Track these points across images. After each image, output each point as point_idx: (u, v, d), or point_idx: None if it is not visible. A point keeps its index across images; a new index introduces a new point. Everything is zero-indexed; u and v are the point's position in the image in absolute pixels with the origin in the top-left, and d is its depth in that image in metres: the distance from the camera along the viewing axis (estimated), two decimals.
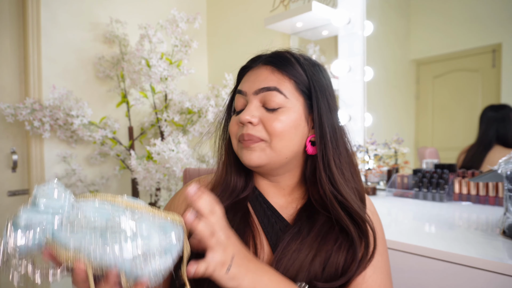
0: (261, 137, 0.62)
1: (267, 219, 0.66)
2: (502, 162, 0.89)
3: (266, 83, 0.64)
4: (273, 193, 0.70)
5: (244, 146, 0.64)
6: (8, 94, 1.76)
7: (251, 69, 0.69)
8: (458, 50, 1.57)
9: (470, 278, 0.77)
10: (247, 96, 0.65)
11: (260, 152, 0.63)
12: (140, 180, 1.62)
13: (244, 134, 0.63)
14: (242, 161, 0.65)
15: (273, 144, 0.62)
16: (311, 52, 1.96)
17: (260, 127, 0.63)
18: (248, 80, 0.66)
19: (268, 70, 0.65)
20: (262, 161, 0.63)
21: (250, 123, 0.63)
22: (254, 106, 0.64)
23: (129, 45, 1.98)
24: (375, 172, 1.55)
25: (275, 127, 0.62)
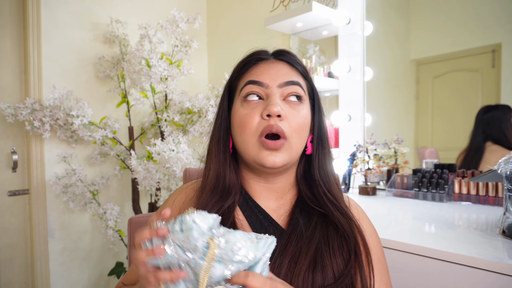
0: (287, 134, 0.60)
1: (260, 223, 0.63)
2: (502, 162, 0.89)
3: (290, 77, 0.63)
4: (264, 197, 0.67)
5: (268, 147, 0.59)
6: (8, 94, 1.76)
7: (263, 61, 0.66)
8: (458, 50, 1.57)
9: (470, 278, 0.77)
10: (268, 89, 0.61)
11: (284, 152, 0.60)
12: (140, 180, 1.62)
13: (273, 125, 0.58)
14: (262, 162, 0.60)
15: (292, 142, 0.61)
16: (311, 52, 1.97)
17: (285, 122, 0.60)
18: (267, 72, 0.63)
19: (287, 66, 0.64)
20: (285, 162, 0.61)
21: (279, 116, 0.59)
22: (279, 99, 0.61)
23: (129, 45, 1.98)
24: (375, 172, 1.55)
25: (298, 122, 0.61)
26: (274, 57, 0.67)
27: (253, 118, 0.61)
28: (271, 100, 0.60)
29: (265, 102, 0.61)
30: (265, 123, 0.59)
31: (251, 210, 0.65)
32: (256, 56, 0.66)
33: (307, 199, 0.66)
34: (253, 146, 0.61)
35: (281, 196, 0.68)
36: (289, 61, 0.66)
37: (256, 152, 0.60)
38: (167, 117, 1.81)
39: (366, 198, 1.50)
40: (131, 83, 1.88)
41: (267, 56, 0.67)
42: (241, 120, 0.62)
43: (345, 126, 1.78)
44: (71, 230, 1.93)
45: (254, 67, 0.65)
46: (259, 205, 0.66)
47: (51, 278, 1.84)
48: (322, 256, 0.58)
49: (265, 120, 0.60)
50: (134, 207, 2.00)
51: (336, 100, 1.86)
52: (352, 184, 1.71)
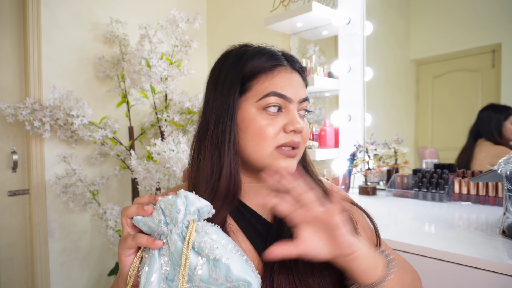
0: (300, 144, 0.64)
1: (247, 222, 0.64)
2: (502, 162, 0.89)
3: (304, 91, 0.66)
4: (252, 194, 0.68)
5: (289, 155, 0.62)
6: (8, 94, 1.76)
7: (282, 69, 0.63)
8: (458, 50, 1.57)
9: (470, 278, 0.77)
10: (291, 103, 0.63)
11: (296, 159, 0.65)
12: (140, 180, 1.62)
13: (296, 142, 0.62)
14: (278, 168, 0.61)
15: (301, 149, 0.66)
16: (311, 52, 1.97)
17: (300, 135, 0.64)
18: (291, 85, 0.63)
19: (300, 78, 0.67)
20: (296, 167, 0.64)
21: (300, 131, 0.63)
22: (297, 114, 0.64)
23: (129, 45, 1.98)
24: (375, 172, 1.55)
25: (307, 132, 0.66)
26: (289, 64, 0.65)
27: (274, 130, 0.61)
28: (295, 116, 0.62)
29: (285, 114, 0.63)
30: (288, 137, 0.62)
31: (238, 210, 0.65)
32: (274, 61, 0.63)
33: None
34: (269, 155, 0.62)
35: (268, 193, 0.68)
36: (300, 71, 0.67)
37: (272, 160, 0.62)
38: (167, 117, 1.81)
39: (366, 198, 1.50)
40: (131, 83, 1.88)
41: (283, 62, 0.64)
42: (260, 129, 0.61)
43: (345, 126, 1.78)
44: (71, 230, 1.93)
45: (275, 73, 0.63)
46: (245, 204, 0.66)
47: (51, 278, 1.84)
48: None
49: (286, 134, 0.62)
50: None
51: (336, 100, 1.86)
52: (352, 184, 1.71)
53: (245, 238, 0.63)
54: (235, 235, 0.63)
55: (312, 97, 1.98)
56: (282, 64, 0.64)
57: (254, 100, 0.62)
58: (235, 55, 0.65)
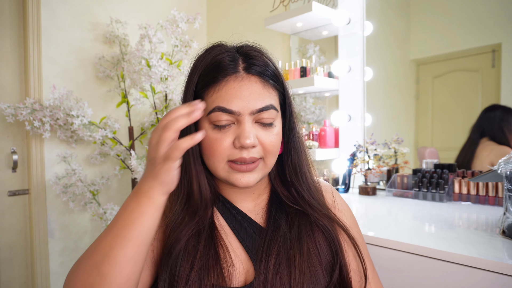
0: (262, 155, 0.60)
1: (239, 224, 0.64)
2: (502, 162, 0.89)
3: (262, 101, 0.58)
4: (241, 199, 0.67)
5: (241, 170, 0.59)
6: (8, 94, 1.76)
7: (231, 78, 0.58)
8: (458, 50, 1.57)
9: (470, 278, 0.77)
10: (240, 116, 0.57)
11: (258, 172, 0.60)
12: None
13: (247, 158, 0.58)
14: (234, 184, 0.60)
15: (267, 161, 0.61)
16: (311, 52, 1.97)
17: (258, 147, 0.59)
18: (238, 97, 0.57)
19: (258, 84, 0.59)
20: (258, 180, 0.61)
21: (253, 146, 0.58)
22: (251, 126, 0.58)
23: (129, 45, 1.98)
24: (375, 172, 1.55)
25: (273, 144, 0.60)
26: (244, 68, 0.59)
27: (223, 145, 0.58)
28: (243, 130, 0.57)
29: (237, 128, 0.58)
30: (238, 153, 0.58)
31: (230, 213, 0.65)
32: (224, 71, 0.59)
33: (284, 197, 0.67)
34: (222, 169, 0.60)
35: (257, 197, 0.69)
36: (260, 74, 0.59)
37: (227, 174, 0.60)
38: None
39: (366, 198, 1.50)
40: (131, 83, 1.88)
41: (234, 70, 0.59)
42: (210, 144, 0.59)
43: (345, 126, 1.78)
44: (71, 230, 1.93)
45: (223, 85, 0.58)
46: (236, 207, 0.66)
47: (51, 278, 1.84)
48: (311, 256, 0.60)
49: (237, 150, 0.58)
50: None
51: (336, 100, 1.86)
52: (352, 184, 1.71)
53: (236, 240, 0.63)
54: (227, 237, 0.63)
55: (312, 97, 1.98)
56: (229, 73, 0.58)
57: (205, 115, 0.59)
58: (192, 65, 0.65)
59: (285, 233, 0.62)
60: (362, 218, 1.17)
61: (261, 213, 0.67)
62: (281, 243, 0.60)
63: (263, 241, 0.61)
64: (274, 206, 0.67)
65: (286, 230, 0.63)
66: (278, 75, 0.63)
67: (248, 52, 0.62)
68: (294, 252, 0.60)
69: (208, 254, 0.59)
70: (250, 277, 0.59)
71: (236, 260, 0.61)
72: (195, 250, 0.59)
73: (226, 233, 0.63)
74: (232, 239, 0.63)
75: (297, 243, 0.61)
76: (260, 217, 0.66)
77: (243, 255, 0.62)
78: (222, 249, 0.60)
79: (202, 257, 0.58)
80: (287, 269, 0.58)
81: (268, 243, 0.61)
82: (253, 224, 0.64)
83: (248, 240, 0.63)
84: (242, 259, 0.61)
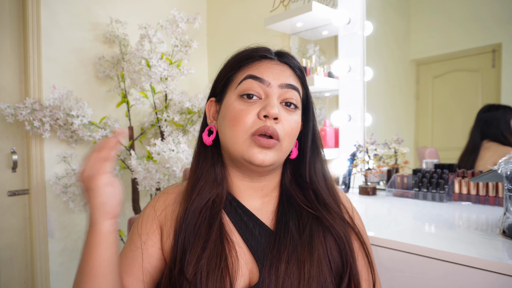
0: (281, 136, 0.60)
1: (245, 225, 0.63)
2: (502, 162, 0.89)
3: (291, 80, 0.63)
4: (249, 196, 0.67)
5: (261, 145, 0.59)
6: (8, 94, 1.76)
7: (266, 59, 0.64)
8: (458, 50, 1.57)
9: (470, 278, 0.77)
10: (269, 87, 0.61)
11: (274, 152, 0.60)
12: (140, 180, 1.62)
13: (270, 128, 0.58)
14: (251, 159, 0.59)
15: (283, 144, 0.61)
16: (311, 52, 1.96)
17: (280, 125, 0.60)
18: (270, 71, 0.62)
19: (290, 70, 0.65)
20: (274, 161, 0.61)
21: (275, 119, 0.59)
22: (277, 101, 0.61)
23: (129, 45, 1.98)
24: (375, 172, 1.55)
25: (292, 127, 0.62)
26: (278, 58, 0.66)
27: (248, 115, 0.59)
28: (270, 101, 0.59)
29: (263, 101, 0.60)
30: (261, 123, 0.59)
31: (236, 212, 0.65)
32: (261, 52, 0.65)
33: (300, 201, 0.66)
34: (243, 143, 0.60)
35: (265, 195, 0.68)
36: (291, 65, 0.65)
37: (246, 148, 0.60)
38: (167, 117, 1.81)
39: (366, 198, 1.50)
40: (131, 83, 1.87)
41: (271, 55, 0.65)
42: (235, 115, 0.60)
43: (345, 126, 1.78)
44: (71, 230, 1.93)
45: (257, 62, 0.64)
46: (243, 205, 0.66)
47: (51, 278, 1.84)
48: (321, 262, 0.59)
49: (261, 120, 0.59)
50: (134, 207, 2.00)
51: (336, 100, 1.86)
52: (352, 184, 1.71)
53: (241, 240, 0.62)
54: (233, 235, 0.62)
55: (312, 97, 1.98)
56: (267, 56, 0.64)
57: (234, 87, 0.63)
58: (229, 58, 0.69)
59: (296, 237, 0.61)
60: (362, 218, 1.16)
61: (268, 213, 0.66)
62: (291, 248, 0.59)
63: (273, 245, 0.60)
64: (284, 208, 0.66)
65: (297, 234, 0.61)
66: (304, 74, 0.68)
67: (282, 50, 0.68)
68: (304, 258, 0.58)
69: (217, 242, 0.59)
70: (254, 278, 0.58)
71: (241, 259, 0.60)
72: (208, 234, 0.60)
73: (232, 231, 0.63)
74: (237, 238, 0.62)
75: (308, 249, 0.60)
76: (267, 218, 0.65)
77: (248, 256, 0.61)
78: (228, 243, 0.60)
79: (213, 244, 0.59)
80: (297, 275, 0.57)
81: (278, 247, 0.59)
82: (260, 224, 0.64)
83: (253, 241, 0.62)
84: (247, 259, 0.60)
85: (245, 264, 0.60)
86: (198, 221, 0.61)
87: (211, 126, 0.68)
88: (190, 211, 0.62)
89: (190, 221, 0.61)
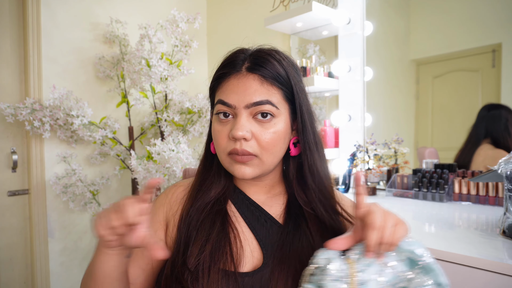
0: (254, 153, 0.62)
1: (251, 213, 0.67)
2: (502, 162, 0.89)
3: (257, 96, 0.61)
4: (254, 191, 0.70)
5: (237, 161, 0.62)
6: (8, 94, 1.76)
7: (232, 75, 0.64)
8: (458, 50, 1.57)
9: (470, 278, 0.77)
10: (236, 109, 0.62)
11: (253, 167, 0.63)
12: (140, 180, 1.62)
13: (238, 150, 0.61)
14: (234, 174, 0.64)
15: (264, 158, 0.63)
16: (311, 52, 1.96)
17: (253, 142, 0.62)
18: (235, 92, 0.62)
19: (256, 81, 0.62)
20: (255, 174, 0.64)
21: (244, 139, 0.61)
22: (246, 120, 0.61)
23: (129, 45, 1.98)
24: (375, 172, 1.55)
25: (268, 141, 0.62)
26: (247, 68, 0.63)
27: (222, 137, 0.64)
28: (237, 123, 0.61)
29: (233, 120, 0.63)
30: (232, 144, 0.62)
31: (242, 202, 0.68)
32: (228, 68, 0.65)
33: (300, 201, 0.68)
34: (225, 160, 0.65)
35: (269, 190, 0.71)
36: (260, 72, 0.62)
37: (229, 165, 0.64)
38: (167, 117, 1.80)
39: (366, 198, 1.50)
40: (131, 83, 1.87)
41: (239, 68, 0.63)
42: (214, 136, 0.66)
43: (345, 126, 1.78)
44: (71, 230, 1.93)
45: (226, 81, 0.64)
46: (249, 197, 0.69)
47: (51, 278, 1.84)
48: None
49: (232, 141, 0.62)
50: None
51: (336, 100, 1.86)
52: (352, 184, 1.71)
53: (247, 228, 0.65)
54: (238, 223, 0.65)
55: (312, 97, 1.98)
56: (232, 71, 0.64)
57: (213, 107, 0.68)
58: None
59: (307, 237, 0.63)
60: None
61: (278, 208, 0.68)
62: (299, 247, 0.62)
63: (281, 237, 0.63)
64: (292, 206, 0.68)
65: (308, 234, 0.64)
66: (285, 75, 0.64)
67: (257, 54, 0.65)
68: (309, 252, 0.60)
69: (220, 235, 0.62)
70: (259, 264, 0.62)
71: (247, 246, 0.63)
72: (211, 227, 0.63)
73: (237, 220, 0.66)
74: (243, 226, 0.65)
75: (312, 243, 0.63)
76: (274, 210, 0.68)
77: (254, 243, 0.64)
78: (233, 233, 0.63)
79: (216, 236, 0.61)
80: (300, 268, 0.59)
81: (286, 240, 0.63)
82: (265, 214, 0.67)
83: (259, 229, 0.65)
84: (253, 247, 0.63)
85: (251, 252, 0.63)
86: (201, 216, 0.65)
87: None
88: (195, 207, 0.66)
89: (194, 217, 0.65)
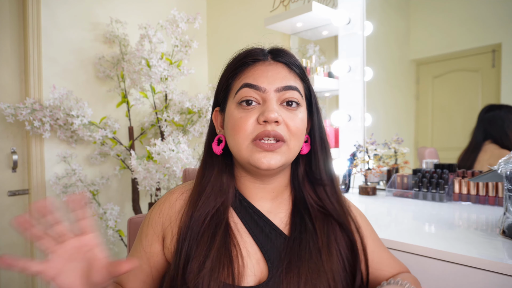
0: (285, 137, 0.59)
1: (255, 223, 0.63)
2: (502, 162, 0.89)
3: (287, 81, 0.61)
4: (259, 197, 0.66)
5: (264, 149, 0.59)
6: (8, 94, 1.76)
7: (260, 62, 0.63)
8: (458, 50, 1.57)
9: (470, 278, 0.77)
10: (265, 93, 0.60)
11: (281, 155, 0.60)
12: (140, 180, 1.62)
13: (270, 131, 0.58)
14: (256, 164, 0.59)
15: (290, 144, 0.61)
16: (311, 52, 1.96)
17: (282, 127, 0.60)
18: (265, 75, 0.61)
19: (285, 69, 0.63)
20: (281, 163, 0.60)
21: (276, 122, 0.59)
22: (276, 104, 0.60)
23: (129, 45, 1.98)
24: (375, 172, 1.55)
25: (297, 126, 0.61)
26: (272, 57, 0.64)
27: (248, 122, 0.59)
28: (268, 106, 0.59)
29: (262, 106, 0.60)
30: (261, 128, 0.59)
31: (246, 212, 0.64)
32: (253, 56, 0.64)
33: (310, 200, 0.66)
34: (246, 149, 0.60)
35: (276, 196, 0.67)
36: (287, 63, 0.64)
37: (249, 154, 0.60)
38: (167, 117, 1.81)
39: (366, 198, 1.50)
40: (131, 83, 1.88)
41: (264, 57, 0.64)
42: (235, 123, 0.61)
43: (345, 126, 1.78)
44: None
45: (251, 67, 0.63)
46: (253, 206, 0.65)
47: None
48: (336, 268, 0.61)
49: (261, 125, 0.59)
50: (134, 207, 2.00)
51: (336, 100, 1.86)
52: (352, 184, 1.71)
53: (251, 239, 0.62)
54: (241, 236, 0.62)
55: None
56: (259, 59, 0.63)
57: (233, 96, 0.63)
58: (227, 63, 0.69)
59: (311, 245, 0.61)
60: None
61: (281, 216, 0.65)
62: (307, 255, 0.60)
63: (288, 250, 0.60)
64: (298, 213, 0.66)
65: (315, 238, 0.62)
66: (304, 70, 0.66)
67: (277, 48, 0.66)
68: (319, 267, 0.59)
69: (221, 250, 0.58)
70: (264, 277, 0.58)
71: (249, 260, 0.59)
72: (211, 242, 0.59)
73: (240, 233, 0.62)
74: (246, 238, 0.62)
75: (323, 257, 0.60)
76: (280, 221, 0.65)
77: (258, 255, 0.60)
78: (235, 248, 0.59)
79: (216, 252, 0.58)
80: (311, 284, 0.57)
81: (292, 253, 0.60)
82: (270, 225, 0.63)
83: (263, 240, 0.61)
84: (257, 259, 0.60)
85: (256, 264, 0.60)
86: (201, 229, 0.61)
87: (220, 135, 0.68)
88: (195, 219, 0.62)
89: (194, 229, 0.61)
